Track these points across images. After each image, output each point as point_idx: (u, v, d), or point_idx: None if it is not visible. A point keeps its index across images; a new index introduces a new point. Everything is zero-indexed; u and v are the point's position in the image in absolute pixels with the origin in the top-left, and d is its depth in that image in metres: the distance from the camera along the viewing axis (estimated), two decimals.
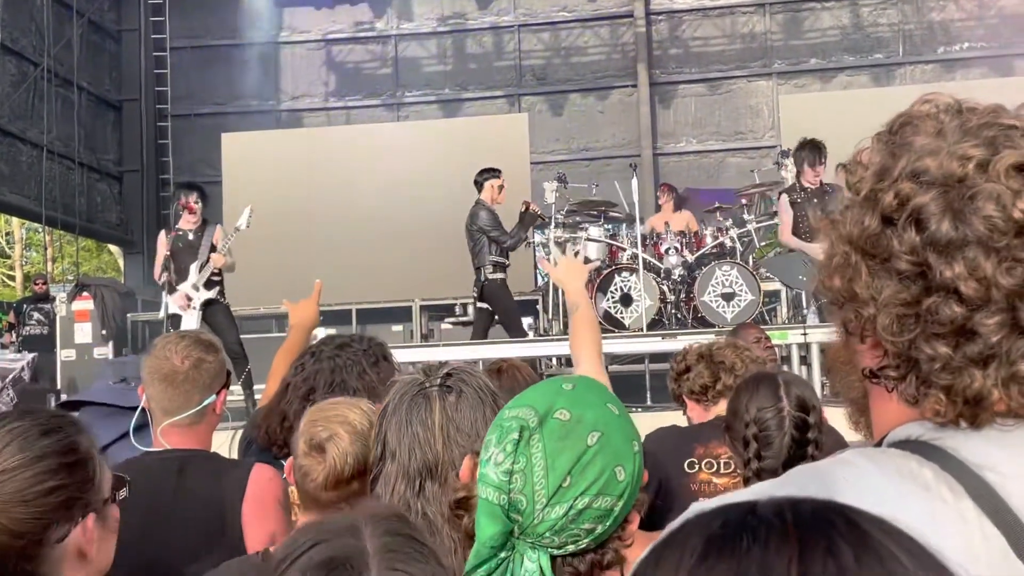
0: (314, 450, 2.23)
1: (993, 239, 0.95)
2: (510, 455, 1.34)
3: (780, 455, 2.51)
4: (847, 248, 1.03)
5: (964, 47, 15.97)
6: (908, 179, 1.00)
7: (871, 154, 1.06)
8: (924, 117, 1.05)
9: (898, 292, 0.99)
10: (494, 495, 1.34)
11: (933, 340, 0.97)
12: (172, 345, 3.00)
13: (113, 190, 16.83)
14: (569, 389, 1.43)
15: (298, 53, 17.41)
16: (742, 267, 9.60)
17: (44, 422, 1.60)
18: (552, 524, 1.34)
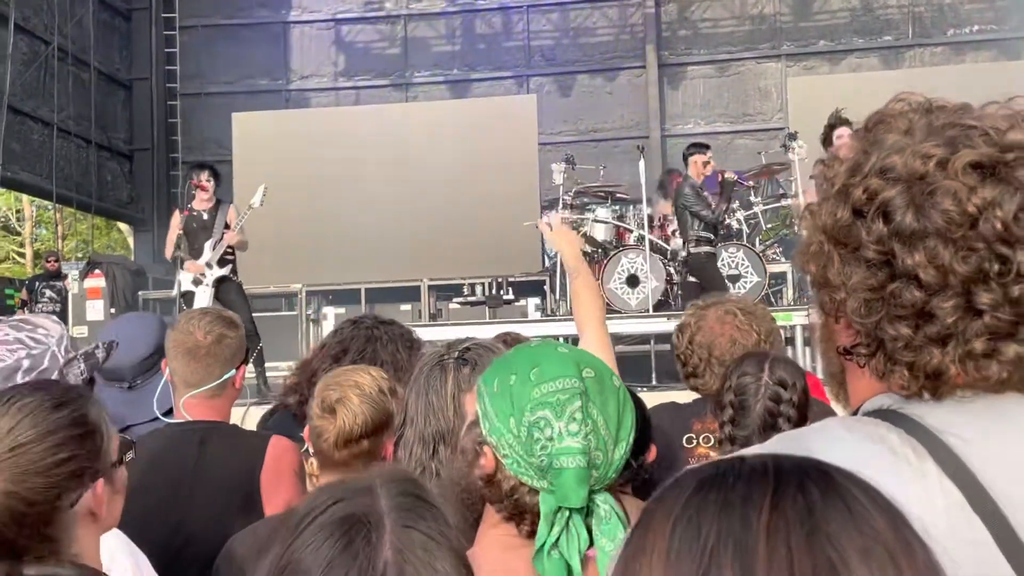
0: (326, 411, 2.35)
1: (950, 231, 1.04)
2: (581, 422, 1.48)
3: (753, 423, 2.62)
4: (822, 237, 1.14)
5: (974, 30, 15.94)
6: (877, 175, 1.09)
7: (847, 150, 1.16)
8: (896, 115, 1.15)
9: (866, 278, 1.09)
10: (581, 461, 1.47)
11: (896, 321, 1.07)
12: (195, 321, 3.12)
13: (123, 168, 16.92)
14: (568, 352, 1.57)
15: (307, 33, 17.45)
16: (748, 249, 9.67)
17: (55, 396, 1.69)
18: (617, 465, 1.51)
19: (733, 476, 0.75)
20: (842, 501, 0.72)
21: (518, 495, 1.53)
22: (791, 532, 0.70)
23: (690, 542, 0.72)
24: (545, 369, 1.52)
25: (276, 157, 13.51)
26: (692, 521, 0.73)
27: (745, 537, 0.70)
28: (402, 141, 13.60)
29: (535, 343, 1.65)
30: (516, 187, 12.95)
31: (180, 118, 16.71)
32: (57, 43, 14.53)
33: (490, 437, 1.54)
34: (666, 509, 0.75)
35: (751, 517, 0.71)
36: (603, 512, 1.48)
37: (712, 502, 0.73)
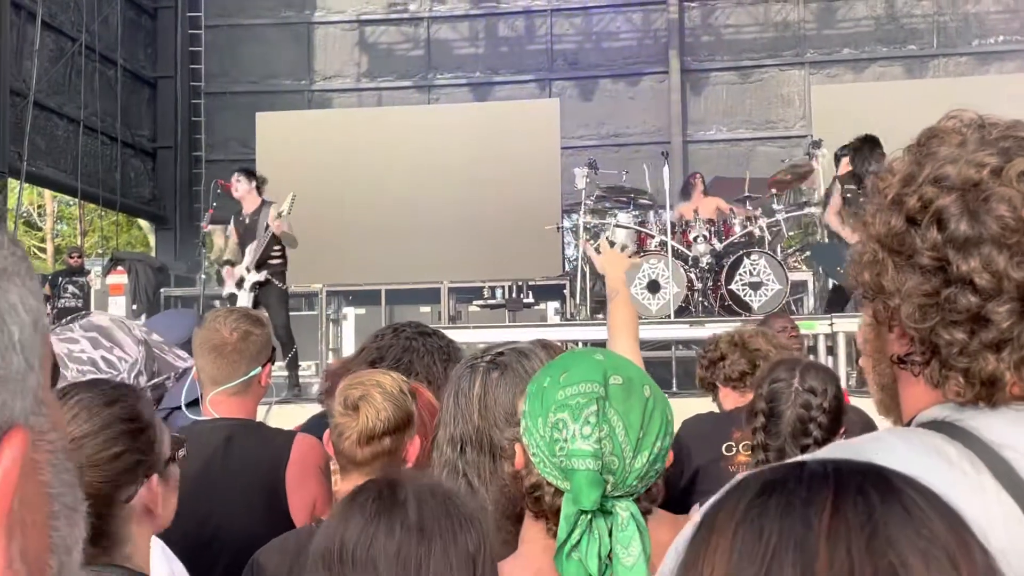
0: (349, 409, 2.36)
1: (1005, 237, 1.06)
2: (596, 426, 1.51)
3: (785, 430, 2.63)
4: (876, 246, 1.16)
5: (999, 40, 15.86)
6: (931, 184, 1.12)
7: (900, 163, 1.18)
8: (949, 131, 1.17)
9: (920, 284, 1.10)
10: (592, 464, 1.50)
11: (951, 327, 1.09)
12: (221, 318, 3.17)
13: (146, 166, 17.03)
14: (602, 359, 1.61)
15: (331, 33, 17.51)
16: (770, 256, 9.65)
17: (108, 392, 1.73)
18: (638, 473, 1.53)
19: (794, 480, 0.77)
20: (901, 505, 0.74)
21: (540, 493, 1.57)
22: (852, 535, 0.72)
23: (752, 543, 0.74)
24: (572, 373, 1.57)
25: (299, 157, 13.58)
26: (754, 523, 0.75)
27: (806, 539, 0.72)
28: (424, 143, 13.64)
29: (581, 350, 1.70)
30: (537, 191, 12.98)
31: (204, 116, 16.81)
32: (84, 40, 14.64)
33: (524, 436, 1.59)
34: (728, 511, 0.77)
35: (812, 519, 0.73)
36: (621, 519, 1.51)
37: (774, 504, 0.75)
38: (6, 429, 0.52)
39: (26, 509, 0.53)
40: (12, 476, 0.52)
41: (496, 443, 1.94)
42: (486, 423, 1.96)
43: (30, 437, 0.54)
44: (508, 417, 1.93)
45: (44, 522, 0.56)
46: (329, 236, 13.03)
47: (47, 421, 0.56)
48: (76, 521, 0.59)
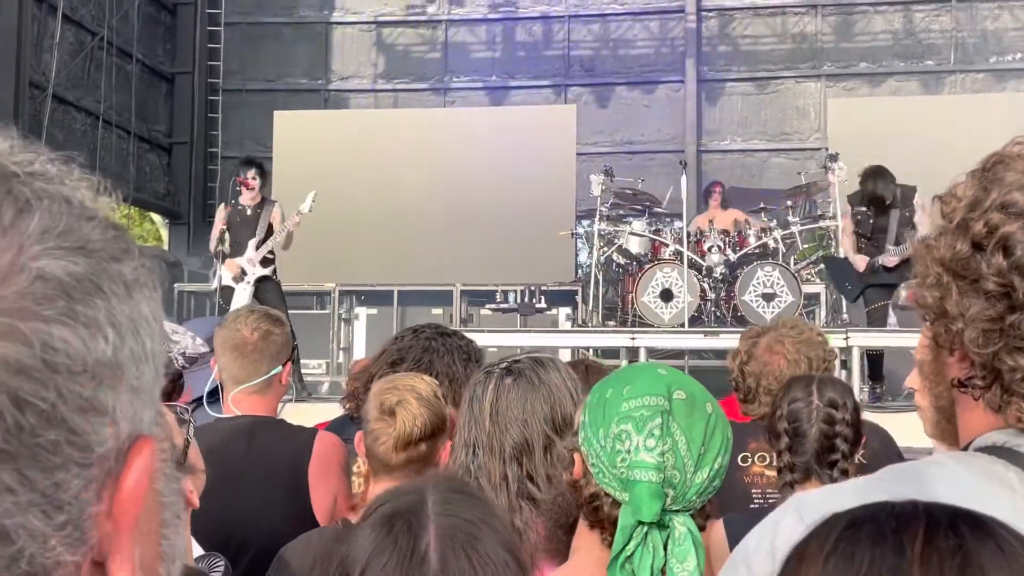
0: (385, 414, 2.38)
1: None
2: (660, 438, 1.53)
3: (810, 448, 2.63)
4: (940, 269, 1.16)
5: (1016, 58, 15.83)
6: (998, 210, 1.12)
7: (964, 188, 1.18)
8: (1015, 157, 1.17)
9: (985, 309, 1.11)
10: (655, 476, 1.52)
11: (1015, 352, 1.09)
12: (243, 318, 3.22)
13: (162, 161, 17.09)
14: (665, 374, 1.63)
15: (349, 34, 17.55)
16: (784, 268, 9.66)
17: None
18: (698, 488, 1.55)
19: (885, 514, 0.78)
20: (993, 540, 0.75)
21: (599, 503, 1.58)
22: (944, 562, 0.73)
23: (844, 567, 0.75)
24: (636, 386, 1.58)
25: (315, 156, 13.61)
26: (846, 551, 0.76)
27: (899, 564, 0.73)
28: (440, 145, 13.67)
29: (642, 364, 1.72)
30: (552, 196, 12.99)
31: (220, 113, 16.86)
32: (105, 35, 14.70)
33: (583, 446, 1.60)
34: (819, 542, 0.78)
35: (905, 547, 0.74)
36: (678, 533, 1.53)
37: (866, 534, 0.76)
38: (135, 439, 0.54)
39: (145, 517, 0.55)
40: (143, 486, 0.54)
41: (506, 448, 1.99)
42: (497, 428, 2.00)
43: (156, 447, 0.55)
44: (522, 424, 1.99)
45: (156, 531, 0.57)
46: (343, 236, 13.06)
47: (162, 431, 0.58)
48: (180, 531, 0.60)
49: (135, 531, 0.53)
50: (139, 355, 0.54)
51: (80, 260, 0.52)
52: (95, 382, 0.51)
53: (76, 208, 0.54)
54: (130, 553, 0.53)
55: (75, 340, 0.50)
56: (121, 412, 0.52)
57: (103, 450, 0.52)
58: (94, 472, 0.51)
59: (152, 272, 0.57)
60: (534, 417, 2.01)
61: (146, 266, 0.57)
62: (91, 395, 0.51)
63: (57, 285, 0.51)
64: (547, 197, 12.99)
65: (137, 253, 0.56)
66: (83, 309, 0.51)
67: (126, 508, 0.53)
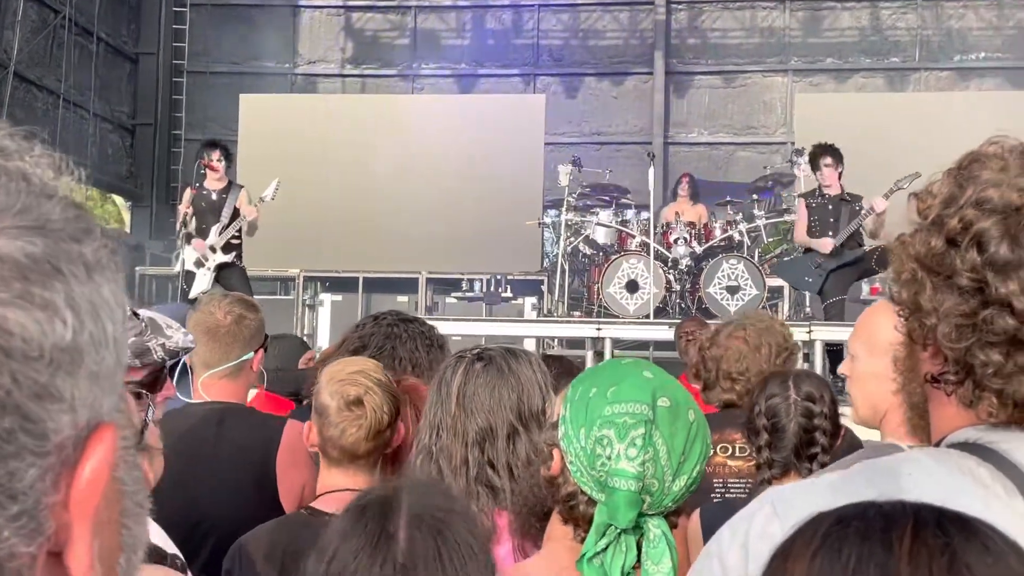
0: (352, 405, 2.34)
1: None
2: (642, 448, 1.53)
3: (790, 443, 2.66)
4: (914, 265, 1.17)
5: (980, 57, 16.01)
6: (972, 207, 1.13)
7: (940, 185, 1.19)
8: (990, 156, 1.18)
9: (958, 304, 1.12)
10: (634, 485, 1.52)
11: (988, 348, 1.10)
12: (216, 301, 3.19)
13: (124, 142, 16.87)
14: (651, 377, 1.61)
15: (317, 18, 17.41)
16: (748, 261, 9.72)
17: None
18: (674, 496, 1.56)
19: (873, 512, 0.78)
20: (979, 540, 0.75)
21: (575, 502, 1.59)
22: (933, 559, 0.73)
23: (831, 564, 0.75)
24: (622, 389, 1.57)
25: (281, 140, 13.50)
26: (833, 547, 0.76)
27: (887, 560, 0.74)
28: (408, 132, 13.60)
29: (627, 362, 1.70)
30: (520, 185, 12.97)
31: (185, 95, 16.67)
32: (67, 13, 14.47)
33: (562, 442, 1.60)
34: (806, 540, 0.78)
35: (893, 543, 0.74)
36: (652, 536, 1.54)
37: (854, 531, 0.76)
38: (95, 426, 0.52)
39: (104, 507, 0.53)
40: (103, 475, 0.52)
41: (470, 433, 1.99)
42: (463, 412, 2.01)
43: (117, 434, 0.53)
44: (489, 411, 1.99)
45: (117, 520, 0.56)
46: (308, 221, 12.96)
47: (123, 417, 0.56)
48: (142, 519, 0.59)
49: (94, 521, 0.52)
50: (99, 340, 0.52)
51: (38, 240, 0.50)
52: (52, 367, 0.49)
53: (35, 186, 0.53)
54: (88, 544, 0.52)
55: (31, 324, 0.49)
56: (80, 399, 0.51)
57: (60, 438, 0.50)
58: (50, 461, 0.50)
59: (115, 254, 0.56)
60: (501, 405, 2.00)
61: (108, 247, 0.55)
62: (47, 381, 0.49)
63: (13, 266, 0.49)
64: (515, 186, 12.97)
65: (99, 234, 0.55)
66: (40, 291, 0.49)
67: (84, 498, 0.51)
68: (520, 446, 1.99)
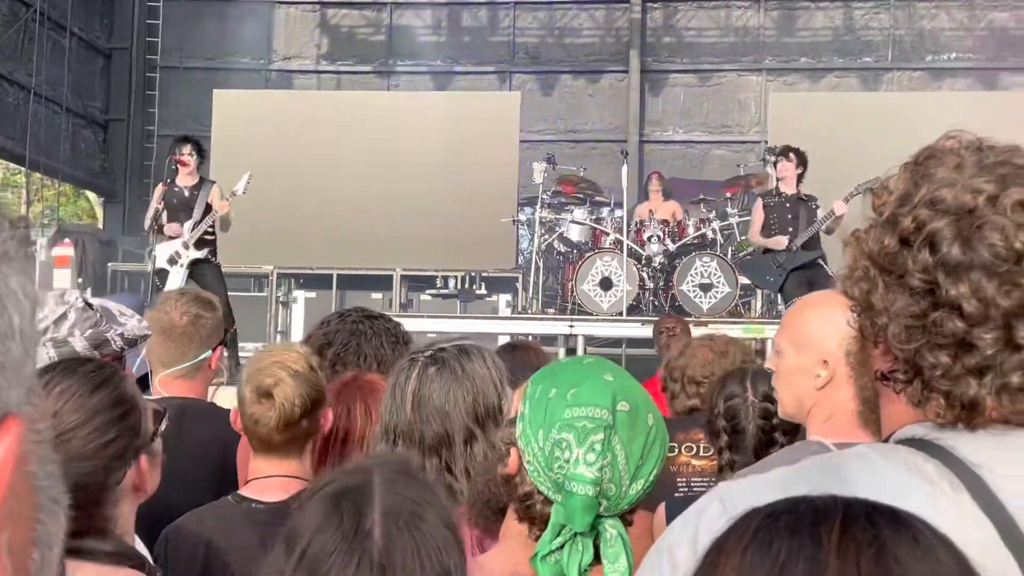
0: (262, 397, 2.35)
1: (996, 265, 1.07)
2: (600, 454, 1.52)
3: (749, 444, 2.66)
4: (867, 263, 1.16)
5: (952, 57, 16.13)
6: (926, 206, 1.12)
7: (896, 181, 1.19)
8: (947, 152, 1.18)
9: (909, 305, 1.11)
10: (591, 491, 1.52)
11: (936, 350, 1.10)
12: (172, 301, 3.17)
13: (97, 138, 16.74)
14: (612, 380, 1.60)
15: (292, 14, 17.34)
16: (721, 259, 9.76)
17: (91, 378, 1.71)
18: (631, 499, 1.56)
19: (804, 505, 0.79)
20: (909, 533, 0.76)
21: (531, 502, 1.58)
22: (860, 552, 0.74)
23: (762, 558, 0.75)
24: (582, 392, 1.56)
25: (255, 136, 13.43)
26: (764, 541, 0.76)
27: (816, 554, 0.74)
28: (383, 129, 13.55)
29: (589, 362, 1.68)
30: (495, 183, 12.95)
31: (158, 91, 16.56)
32: (39, 7, 14.34)
33: (520, 440, 1.59)
34: (738, 535, 0.79)
35: (822, 537, 0.75)
36: (609, 536, 1.54)
37: (784, 525, 0.77)
38: (1, 418, 0.51)
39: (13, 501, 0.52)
40: (8, 467, 0.51)
41: (426, 438, 1.98)
42: (418, 417, 1.99)
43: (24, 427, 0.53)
44: (443, 415, 1.98)
45: (29, 515, 0.55)
46: (282, 218, 12.90)
47: (36, 410, 0.55)
48: (59, 515, 0.58)
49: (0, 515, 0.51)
50: (3, 331, 0.51)
51: None
52: None
53: None
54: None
55: None
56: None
57: None
58: None
59: (24, 245, 0.54)
60: (456, 408, 1.99)
61: (16, 238, 0.54)
62: None
63: None
64: (489, 183, 12.96)
65: (7, 225, 0.54)
66: None
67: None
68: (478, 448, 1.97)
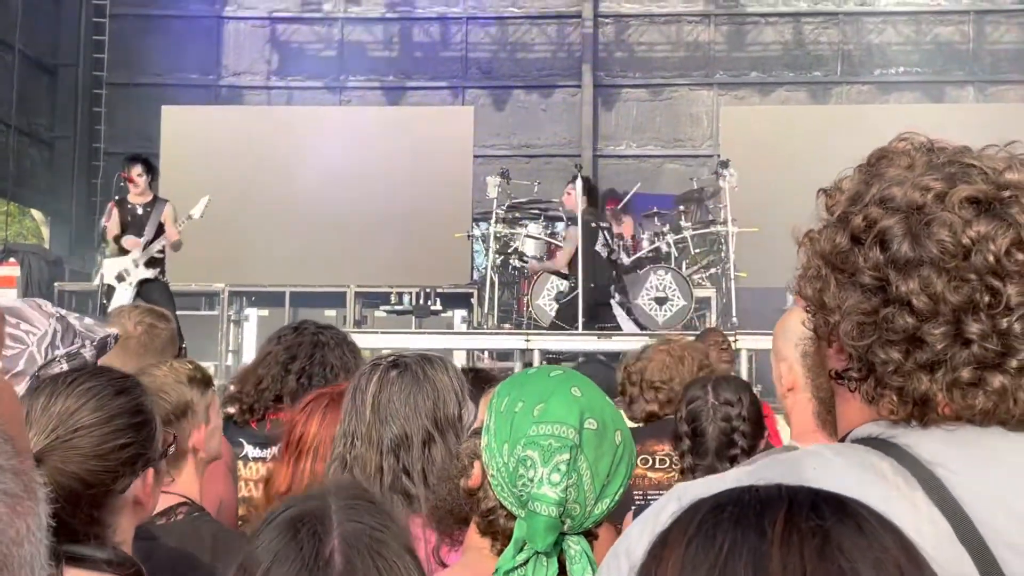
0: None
1: (944, 261, 1.08)
2: (565, 475, 1.49)
3: (710, 446, 2.71)
4: (820, 262, 1.17)
5: (899, 71, 16.41)
6: (876, 205, 1.14)
7: (848, 182, 1.20)
8: (898, 153, 1.19)
9: (860, 302, 1.12)
10: (555, 511, 1.49)
11: (888, 346, 1.11)
12: (126, 312, 3.20)
13: (43, 156, 16.48)
14: (580, 395, 1.56)
15: (242, 29, 17.22)
16: (676, 272, 9.80)
17: (116, 382, 1.76)
18: (595, 518, 1.54)
19: (749, 496, 0.79)
20: (853, 520, 0.76)
21: (494, 516, 1.56)
22: (804, 542, 0.73)
23: (705, 550, 0.75)
24: (549, 409, 1.53)
25: (204, 153, 13.30)
26: (708, 533, 0.76)
27: (760, 545, 0.74)
28: (335, 144, 13.48)
29: (556, 374, 1.61)
30: (448, 198, 12.94)
31: (105, 107, 16.34)
32: None
33: (484, 452, 1.57)
34: (682, 527, 0.78)
35: (766, 528, 0.74)
36: (573, 552, 1.52)
37: (727, 517, 0.76)
38: None
39: None
40: None
41: (385, 440, 1.97)
42: (377, 419, 1.99)
43: None
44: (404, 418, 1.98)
45: None
46: (233, 235, 12.77)
47: None
48: (21, 509, 0.54)
49: None
50: None
51: None
52: None
53: None
54: None
55: None
56: None
57: None
58: None
59: None
60: (416, 412, 1.99)
61: None
62: None
63: None
64: (443, 199, 12.94)
65: None
66: None
67: None
68: (436, 452, 1.97)
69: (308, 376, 3.02)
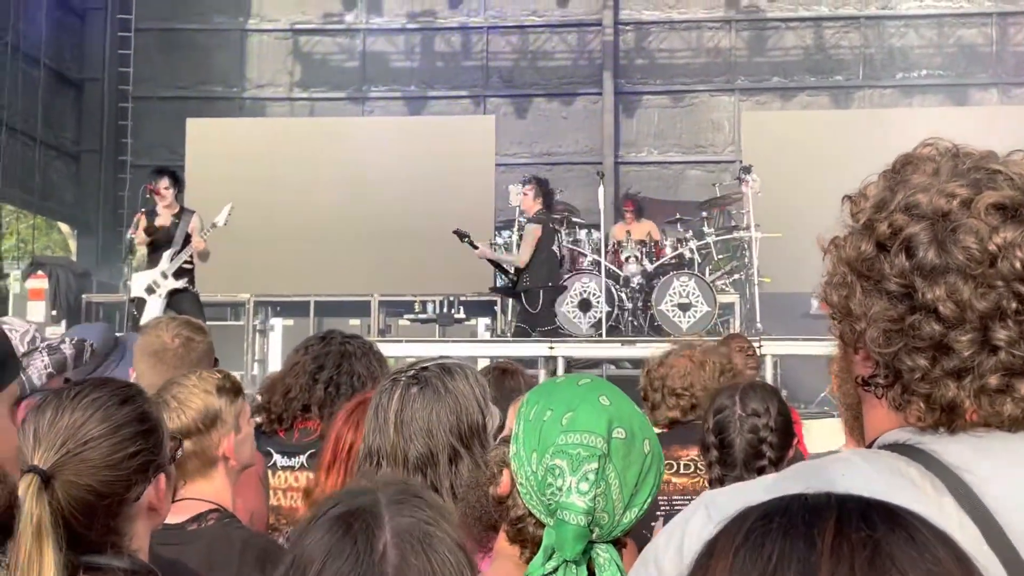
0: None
1: (971, 267, 1.08)
2: (593, 483, 1.50)
3: (738, 458, 2.67)
4: (845, 269, 1.17)
5: (922, 74, 16.31)
6: (902, 211, 1.13)
7: (873, 188, 1.20)
8: (924, 159, 1.18)
9: (886, 309, 1.12)
10: (583, 520, 1.49)
11: (914, 353, 1.10)
12: (163, 324, 3.18)
13: (70, 169, 16.64)
14: (608, 404, 1.57)
15: (265, 41, 17.33)
16: (699, 279, 9.78)
17: (119, 392, 1.77)
18: (624, 527, 1.54)
19: (797, 505, 0.77)
20: (905, 531, 0.74)
21: (523, 524, 1.57)
22: (855, 553, 0.72)
23: (753, 560, 0.73)
24: (577, 418, 1.53)
25: (229, 165, 13.39)
26: (756, 543, 0.74)
27: (809, 555, 0.72)
28: (358, 155, 13.55)
29: (585, 383, 1.63)
30: (471, 207, 12.97)
31: (131, 121, 16.48)
32: (9, 39, 14.26)
33: (513, 460, 1.58)
34: (729, 536, 0.77)
35: (815, 538, 0.73)
36: (602, 560, 1.52)
37: (776, 526, 0.75)
38: None
39: None
40: None
41: (410, 459, 1.96)
42: (401, 438, 1.97)
43: None
44: (427, 434, 1.96)
45: None
46: (258, 246, 12.85)
47: None
48: None
49: None
50: None
51: None
52: None
53: None
54: None
55: None
56: None
57: None
58: None
59: None
60: (439, 427, 1.97)
61: None
62: None
63: None
64: (466, 207, 12.96)
65: None
66: None
67: None
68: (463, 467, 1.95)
69: (336, 385, 3.03)
